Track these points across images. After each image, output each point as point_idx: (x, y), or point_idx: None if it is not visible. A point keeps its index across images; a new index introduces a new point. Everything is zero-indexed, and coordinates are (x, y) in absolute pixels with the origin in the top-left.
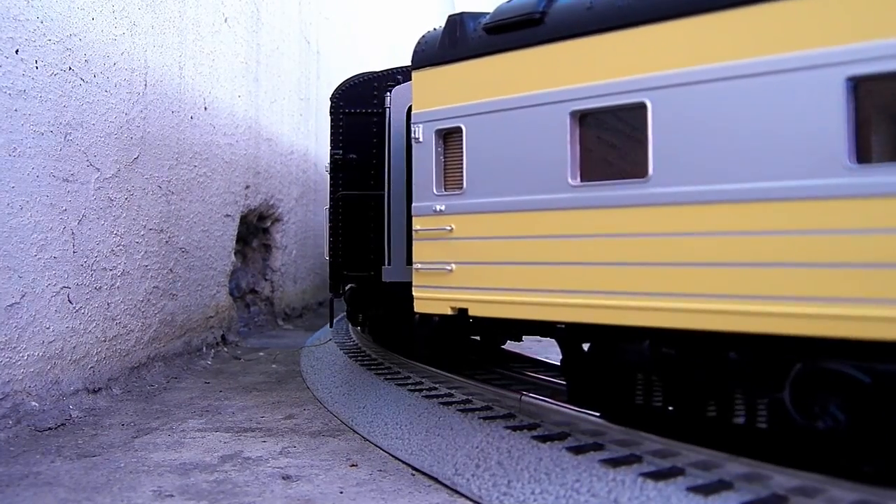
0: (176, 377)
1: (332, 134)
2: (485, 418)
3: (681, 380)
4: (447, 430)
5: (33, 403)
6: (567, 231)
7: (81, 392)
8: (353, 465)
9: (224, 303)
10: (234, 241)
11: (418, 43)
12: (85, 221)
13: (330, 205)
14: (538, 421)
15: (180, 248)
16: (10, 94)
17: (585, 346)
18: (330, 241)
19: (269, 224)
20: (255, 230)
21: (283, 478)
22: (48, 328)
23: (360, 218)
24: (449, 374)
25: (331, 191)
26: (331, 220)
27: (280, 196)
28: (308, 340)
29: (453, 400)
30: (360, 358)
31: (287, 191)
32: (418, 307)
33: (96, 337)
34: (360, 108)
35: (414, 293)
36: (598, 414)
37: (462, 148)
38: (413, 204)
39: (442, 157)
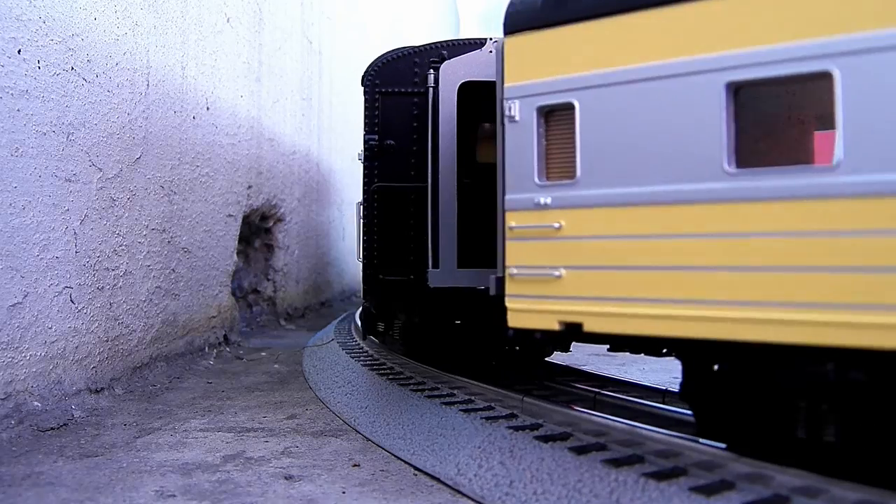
0: (178, 377)
1: (366, 117)
2: (487, 418)
3: (871, 411)
4: (449, 430)
5: (35, 403)
6: (721, 228)
7: (84, 392)
8: (355, 465)
9: (226, 303)
10: (237, 241)
11: (511, 3)
12: (87, 221)
13: (364, 198)
14: (540, 421)
15: (182, 248)
16: (12, 95)
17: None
18: (364, 240)
19: (271, 224)
20: (257, 230)
21: (286, 478)
22: (50, 328)
23: (399, 214)
24: (452, 375)
25: (365, 182)
26: (365, 217)
27: (282, 196)
28: (310, 340)
29: (455, 400)
30: (362, 358)
31: (289, 191)
32: (514, 321)
33: (98, 337)
34: (399, 87)
35: (508, 304)
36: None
37: (574, 128)
38: (506, 196)
39: (544, 140)
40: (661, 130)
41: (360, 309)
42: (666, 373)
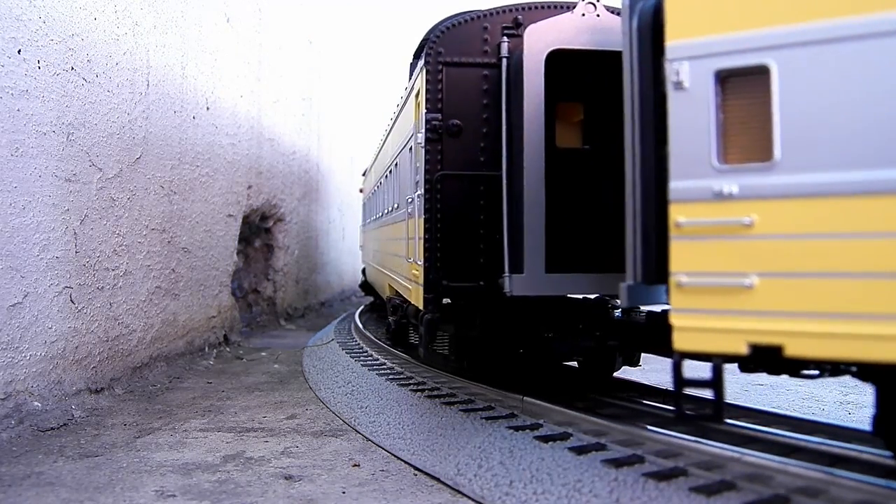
0: (178, 377)
1: (427, 91)
2: (487, 418)
3: None
4: (449, 430)
5: (36, 403)
6: None
7: (84, 392)
8: (355, 465)
9: (226, 303)
10: (237, 241)
11: None
12: (87, 221)
13: (424, 189)
14: (540, 421)
15: (182, 248)
16: (12, 94)
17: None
18: (426, 238)
19: (271, 224)
20: (257, 230)
21: (286, 478)
22: (50, 328)
23: (468, 207)
24: (452, 375)
25: (427, 170)
26: (427, 211)
27: (282, 196)
28: (310, 340)
29: (455, 400)
30: (362, 358)
31: (289, 191)
32: (684, 342)
33: (98, 337)
34: (467, 56)
35: (674, 321)
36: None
37: (769, 96)
38: (672, 183)
39: (722, 112)
40: None
41: (359, 310)
42: (666, 373)
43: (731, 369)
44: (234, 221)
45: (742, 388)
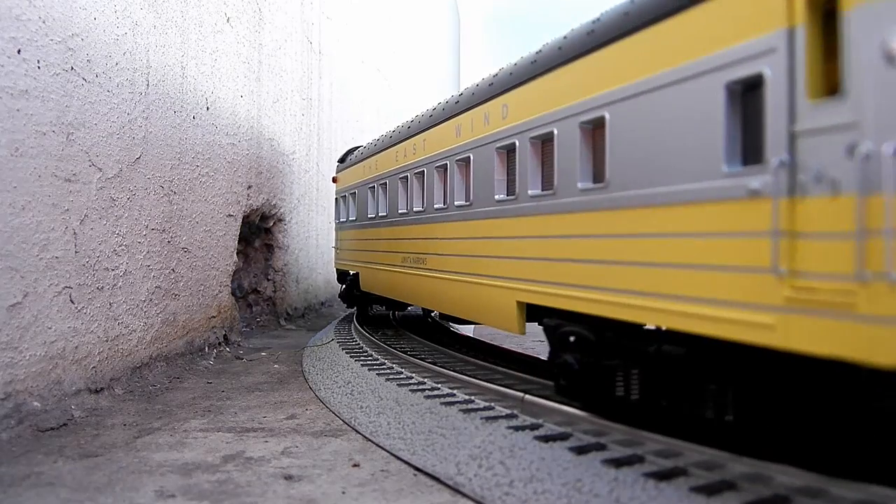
0: (178, 377)
1: None
2: (487, 418)
3: None
4: (449, 430)
5: (35, 403)
6: None
7: (83, 392)
8: (355, 465)
9: (226, 303)
10: (237, 241)
11: None
12: (87, 221)
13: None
14: (540, 421)
15: (182, 248)
16: (12, 94)
17: None
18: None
19: (271, 224)
20: (257, 230)
21: (286, 478)
22: (50, 328)
23: None
24: (451, 373)
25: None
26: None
27: (282, 196)
28: (310, 340)
29: (455, 400)
30: (361, 358)
31: (289, 191)
32: None
33: (98, 337)
34: None
35: None
36: None
37: None
38: None
39: None
40: None
41: (359, 310)
42: None
43: None
44: (234, 221)
45: None
